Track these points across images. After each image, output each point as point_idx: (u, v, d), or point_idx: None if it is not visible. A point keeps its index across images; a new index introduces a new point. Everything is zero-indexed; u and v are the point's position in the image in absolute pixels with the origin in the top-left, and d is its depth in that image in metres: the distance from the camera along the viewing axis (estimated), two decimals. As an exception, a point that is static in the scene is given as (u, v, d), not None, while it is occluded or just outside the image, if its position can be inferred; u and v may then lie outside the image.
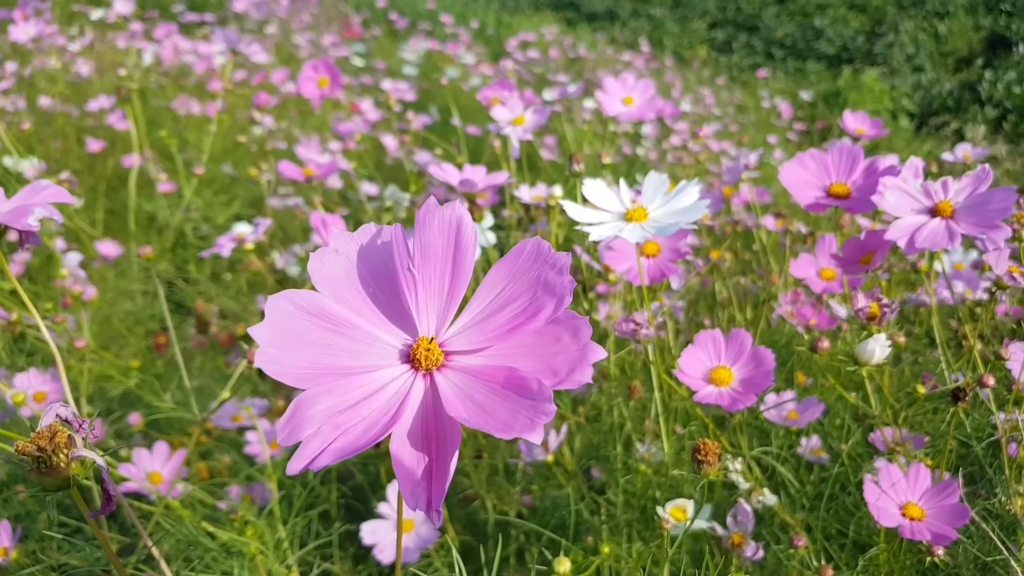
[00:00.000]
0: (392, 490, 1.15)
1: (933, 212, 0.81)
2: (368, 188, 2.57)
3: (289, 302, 0.42)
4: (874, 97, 7.09)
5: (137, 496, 1.16)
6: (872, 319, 0.77)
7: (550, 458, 1.13)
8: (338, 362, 0.42)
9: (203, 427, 1.06)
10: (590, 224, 0.77)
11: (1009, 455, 0.90)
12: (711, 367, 0.79)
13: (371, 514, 1.16)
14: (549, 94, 2.96)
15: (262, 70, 3.65)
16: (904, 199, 0.82)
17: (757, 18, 10.13)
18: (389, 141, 3.26)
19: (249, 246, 1.23)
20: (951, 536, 0.78)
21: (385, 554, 1.08)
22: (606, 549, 0.85)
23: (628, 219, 0.76)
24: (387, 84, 3.89)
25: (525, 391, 0.39)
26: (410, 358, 0.43)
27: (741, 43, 9.60)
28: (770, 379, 0.76)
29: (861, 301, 0.77)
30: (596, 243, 1.28)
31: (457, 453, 0.40)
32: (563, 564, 0.76)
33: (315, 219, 0.99)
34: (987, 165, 0.80)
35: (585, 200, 0.82)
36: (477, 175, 1.05)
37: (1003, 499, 0.92)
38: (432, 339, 0.43)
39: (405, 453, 0.40)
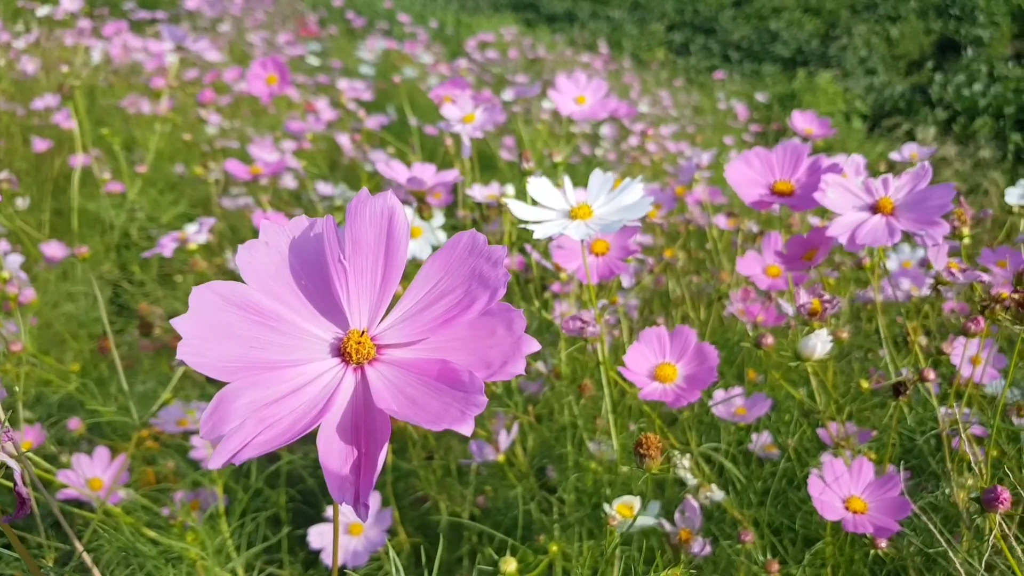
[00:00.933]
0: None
1: (874, 209, 0.82)
2: (323, 188, 2.54)
3: (215, 294, 0.40)
4: (828, 99, 7.22)
5: (78, 503, 1.13)
6: (814, 315, 0.78)
7: (501, 458, 1.12)
8: (266, 356, 0.41)
9: (145, 431, 1.03)
10: (535, 222, 0.77)
11: (952, 448, 0.92)
12: (656, 364, 0.80)
13: (321, 518, 1.14)
14: (507, 94, 2.96)
15: (214, 68, 3.59)
16: (846, 196, 0.83)
17: (714, 21, 10.25)
18: (344, 141, 3.23)
19: (193, 246, 1.21)
20: (893, 529, 0.79)
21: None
22: (554, 548, 0.85)
23: (573, 217, 0.76)
24: (343, 83, 3.86)
25: (457, 383, 0.39)
26: (341, 352, 0.42)
27: (698, 45, 9.70)
28: (713, 375, 0.77)
29: (803, 297, 0.78)
30: (548, 242, 1.28)
31: (387, 447, 0.39)
32: (509, 564, 0.76)
33: (259, 219, 0.97)
34: (927, 162, 0.82)
35: (534, 198, 0.82)
36: (426, 173, 1.04)
37: (947, 492, 0.94)
38: (363, 332, 0.42)
39: (333, 447, 0.39)
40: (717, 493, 0.93)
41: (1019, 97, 6.61)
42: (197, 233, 1.22)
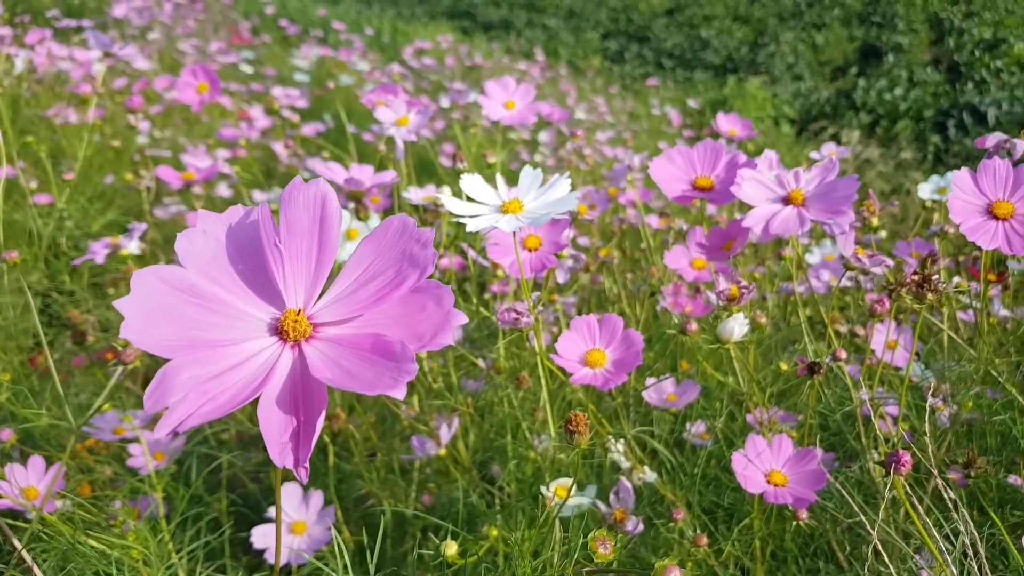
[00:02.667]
0: (282, 493, 1.15)
1: (786, 200, 0.88)
2: (258, 196, 2.52)
3: (156, 277, 0.42)
4: (757, 104, 7.43)
5: (12, 514, 1.11)
6: (732, 300, 0.83)
7: (443, 452, 1.15)
8: (206, 335, 0.43)
9: (79, 437, 1.03)
10: (469, 216, 0.80)
11: (867, 425, 0.98)
12: (586, 350, 0.83)
13: (264, 521, 1.15)
14: (444, 101, 2.99)
15: (144, 77, 3.53)
16: (760, 189, 0.88)
17: (647, 29, 10.44)
18: (280, 148, 3.21)
19: (125, 252, 1.20)
20: (810, 498, 0.84)
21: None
22: (493, 532, 0.88)
23: (504, 211, 0.79)
24: (277, 91, 3.84)
25: (390, 354, 0.41)
26: (278, 331, 0.45)
27: (633, 53, 9.88)
28: (639, 359, 0.81)
29: (722, 284, 0.83)
30: (483, 241, 1.30)
31: (324, 414, 0.41)
32: (450, 547, 0.79)
33: (192, 220, 0.98)
34: (834, 156, 0.88)
35: (468, 195, 0.85)
36: (364, 174, 1.06)
37: (864, 466, 1.00)
38: (300, 311, 0.45)
39: (273, 417, 0.41)
40: (649, 475, 0.97)
41: (937, 101, 6.91)
42: (129, 239, 1.22)
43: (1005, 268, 1.52)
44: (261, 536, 1.09)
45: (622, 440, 1.02)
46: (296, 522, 1.10)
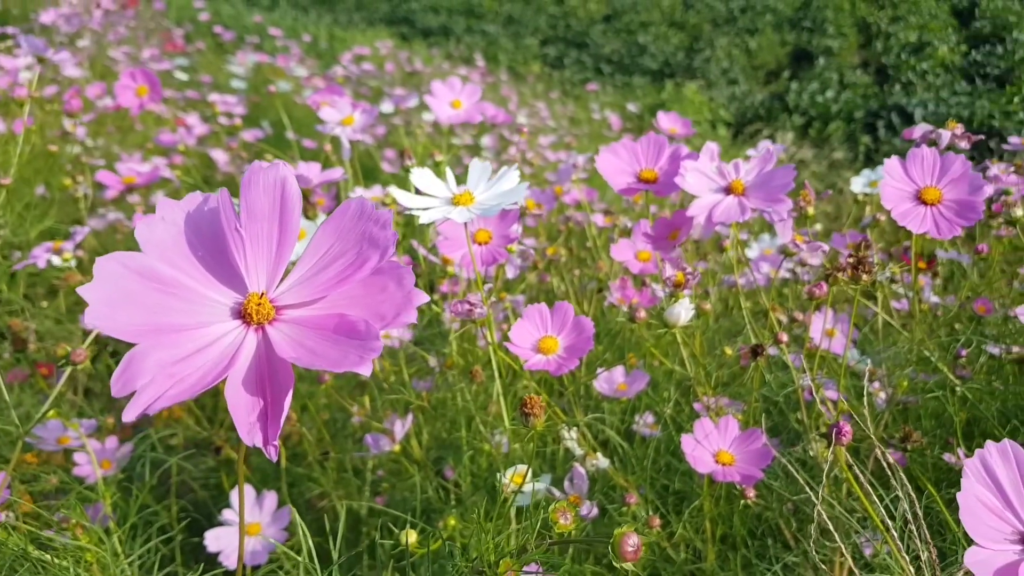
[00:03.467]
0: (235, 496, 1.14)
1: (728, 190, 0.91)
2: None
3: (119, 264, 0.43)
4: (695, 108, 7.58)
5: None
6: (679, 286, 0.85)
7: (397, 448, 1.15)
8: (170, 320, 0.43)
9: (22, 444, 1.00)
10: (420, 209, 0.81)
11: (808, 406, 1.02)
12: (539, 337, 0.85)
13: (215, 526, 1.13)
14: (386, 105, 2.98)
15: (75, 84, 3.44)
16: (702, 180, 0.91)
17: (586, 35, 10.56)
18: (219, 155, 3.17)
19: (68, 256, 1.18)
20: (757, 476, 0.87)
21: (231, 559, 1.07)
22: (452, 521, 0.89)
23: (455, 203, 0.81)
24: (214, 97, 3.79)
25: (355, 333, 0.42)
26: (241, 314, 0.45)
27: (572, 59, 9.98)
28: (590, 343, 0.83)
29: (668, 271, 0.86)
30: (431, 237, 1.32)
31: (291, 393, 0.42)
32: (411, 535, 0.79)
33: (138, 219, 0.97)
34: (770, 147, 0.91)
35: (418, 188, 0.86)
36: (311, 171, 1.06)
37: (806, 446, 1.04)
38: (262, 295, 0.45)
39: (240, 398, 0.42)
40: (602, 461, 0.99)
41: (867, 102, 7.14)
42: (70, 242, 1.19)
43: (934, 256, 1.59)
44: (215, 540, 1.08)
45: (575, 428, 1.04)
46: (251, 524, 1.10)
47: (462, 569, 0.59)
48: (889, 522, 0.75)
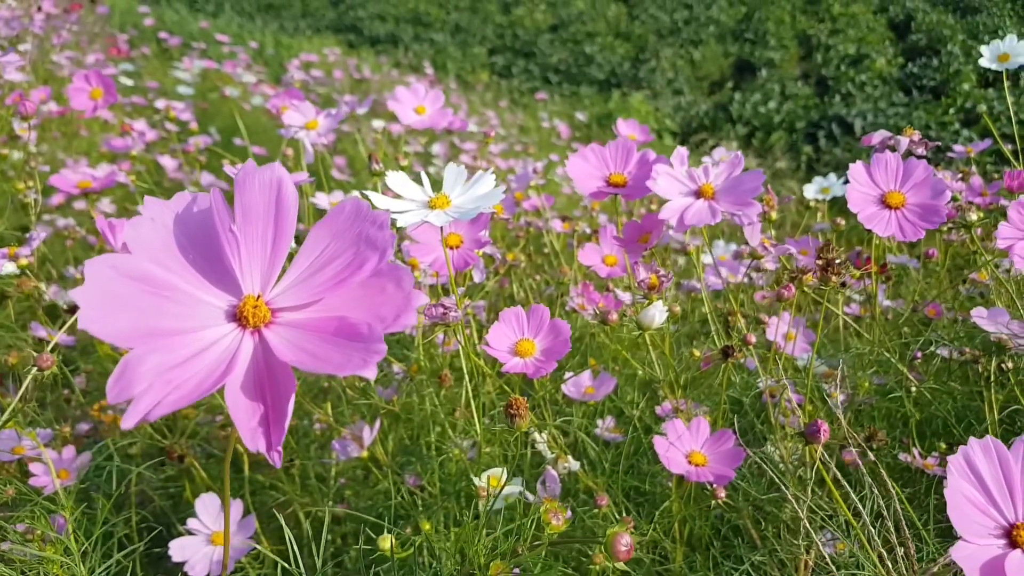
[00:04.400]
0: (200, 505, 1.11)
1: (698, 194, 0.92)
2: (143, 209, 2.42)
3: (109, 267, 0.41)
4: (641, 118, 7.69)
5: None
6: (652, 289, 0.86)
7: (365, 454, 1.14)
8: (164, 324, 0.42)
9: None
10: (397, 212, 0.81)
11: (775, 406, 1.04)
12: (516, 340, 0.85)
13: (177, 535, 1.11)
14: (344, 108, 2.96)
15: (18, 89, 3.34)
16: (673, 184, 0.93)
17: (533, 45, 10.63)
18: (167, 161, 3.11)
19: (24, 262, 1.14)
20: (730, 476, 0.89)
21: (197, 569, 1.04)
22: (427, 526, 0.88)
23: (432, 207, 0.80)
24: (161, 103, 3.71)
25: (357, 336, 0.42)
26: (236, 317, 0.44)
27: (520, 68, 10.03)
28: (567, 346, 0.83)
29: (642, 274, 0.87)
30: (400, 243, 1.31)
31: (293, 398, 0.41)
32: (385, 541, 0.78)
33: (101, 223, 0.94)
34: (739, 152, 0.93)
35: (394, 191, 0.85)
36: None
37: (772, 445, 1.06)
38: (258, 297, 0.45)
39: (240, 403, 0.41)
40: (573, 463, 0.99)
41: (808, 113, 7.33)
42: (26, 247, 1.15)
43: (885, 261, 1.64)
44: (179, 549, 1.05)
45: (545, 432, 1.04)
46: (216, 533, 1.07)
47: (451, 572, 0.59)
48: (864, 519, 0.77)
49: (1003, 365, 1.19)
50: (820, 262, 0.82)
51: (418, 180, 0.82)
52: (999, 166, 3.19)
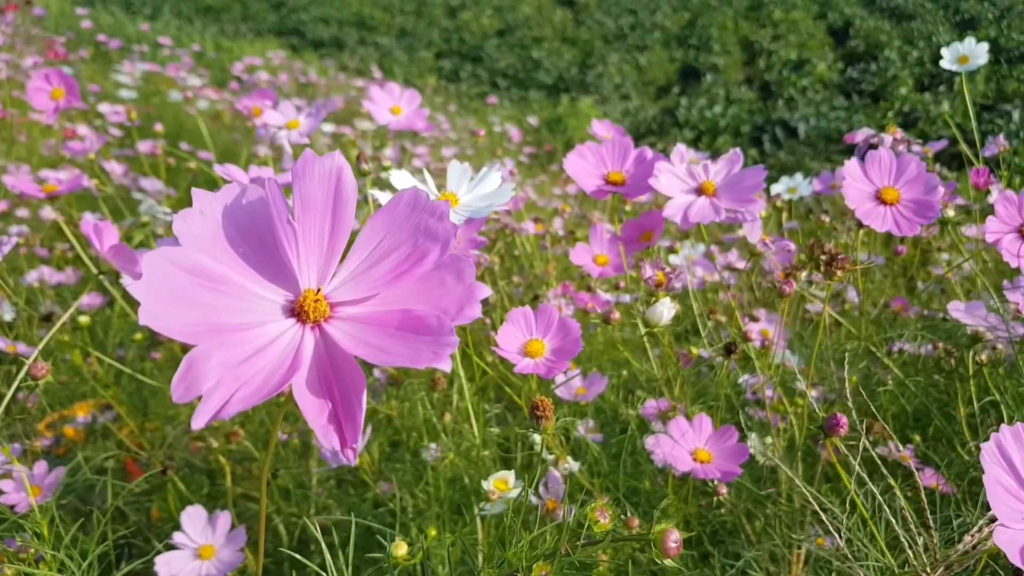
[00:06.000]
0: (186, 518, 1.07)
1: (699, 191, 0.93)
2: (89, 216, 2.35)
3: (166, 260, 0.39)
4: (590, 123, 7.72)
5: None
6: (659, 286, 0.86)
7: (358, 461, 1.11)
8: (223, 319, 0.40)
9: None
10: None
11: (768, 402, 1.05)
12: (525, 341, 0.84)
13: (155, 550, 1.07)
14: (318, 110, 2.91)
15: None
16: (674, 181, 0.93)
17: (480, 49, 10.63)
18: (114, 166, 3.02)
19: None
20: (736, 472, 0.89)
21: (185, 584, 1.01)
22: (433, 532, 0.86)
23: (439, 204, 0.79)
24: (104, 107, 3.61)
25: (424, 329, 0.40)
26: (295, 312, 0.42)
27: (468, 72, 10.02)
28: (579, 345, 0.83)
29: (648, 271, 0.86)
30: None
31: (364, 394, 0.40)
32: (400, 548, 0.76)
33: (87, 227, 0.90)
34: (738, 148, 0.94)
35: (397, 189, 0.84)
36: (265, 174, 1.02)
37: (769, 441, 1.07)
38: (318, 291, 0.43)
39: (308, 400, 0.39)
40: (573, 464, 0.99)
41: (752, 117, 7.48)
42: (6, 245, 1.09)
43: (856, 259, 1.67)
44: (166, 564, 1.01)
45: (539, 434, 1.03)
46: (203, 546, 1.04)
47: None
48: (859, 512, 0.78)
49: (977, 358, 1.22)
50: (824, 257, 0.83)
51: (430, 177, 0.80)
52: (942, 166, 3.29)
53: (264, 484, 0.51)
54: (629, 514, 0.98)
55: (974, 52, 1.58)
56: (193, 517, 1.06)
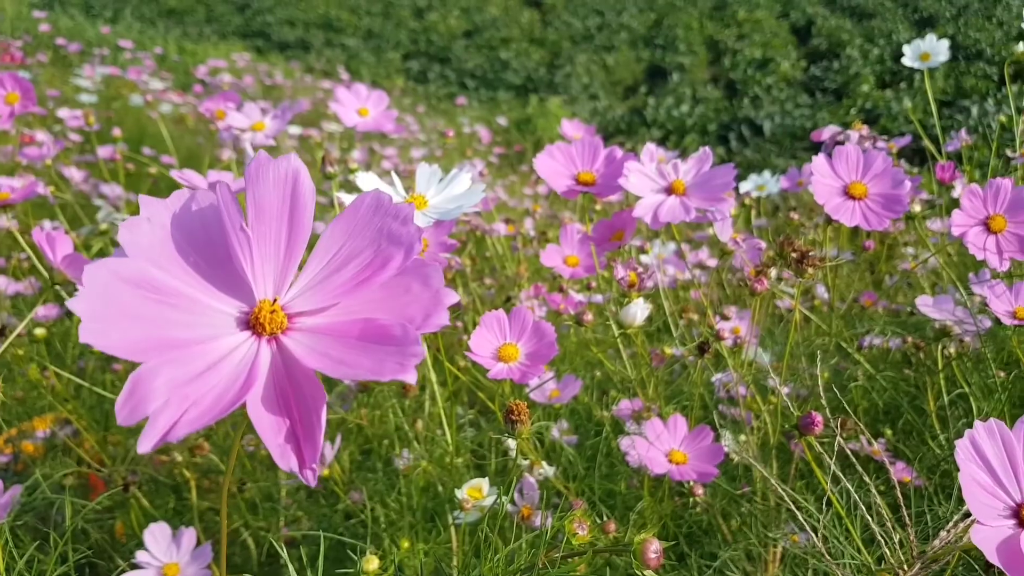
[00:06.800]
0: (149, 536, 1.04)
1: (669, 191, 0.92)
2: (47, 224, 2.29)
3: (109, 272, 0.37)
4: (559, 123, 7.73)
5: None
6: (632, 286, 0.85)
7: (325, 471, 1.09)
8: (172, 334, 0.38)
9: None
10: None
11: (742, 400, 1.04)
12: (498, 345, 0.82)
13: (116, 570, 1.03)
14: (284, 112, 2.87)
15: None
16: (644, 181, 0.92)
17: (448, 50, 10.60)
18: (73, 173, 2.96)
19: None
20: (713, 472, 0.88)
21: (150, 604, 0.97)
22: (405, 544, 0.84)
23: (406, 207, 0.77)
24: (64, 112, 3.54)
25: (388, 338, 0.38)
26: (250, 325, 0.40)
27: (436, 73, 9.99)
28: (554, 349, 0.81)
29: (621, 272, 0.85)
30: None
31: (324, 410, 0.37)
32: (371, 563, 0.74)
33: (39, 237, 0.87)
34: (707, 147, 0.93)
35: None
36: (226, 178, 0.99)
37: (743, 439, 1.06)
38: (274, 302, 0.41)
39: (263, 419, 0.37)
40: (548, 469, 0.97)
41: (719, 116, 7.53)
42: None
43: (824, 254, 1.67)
44: (130, 584, 0.98)
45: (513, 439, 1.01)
46: (168, 565, 1.00)
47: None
48: (833, 508, 0.77)
49: (945, 352, 1.22)
50: (795, 254, 0.82)
51: (398, 180, 0.78)
52: (905, 162, 3.33)
53: (224, 499, 0.49)
54: (605, 518, 0.97)
55: (935, 49, 1.59)
56: (157, 534, 1.03)
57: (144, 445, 0.33)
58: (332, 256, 0.42)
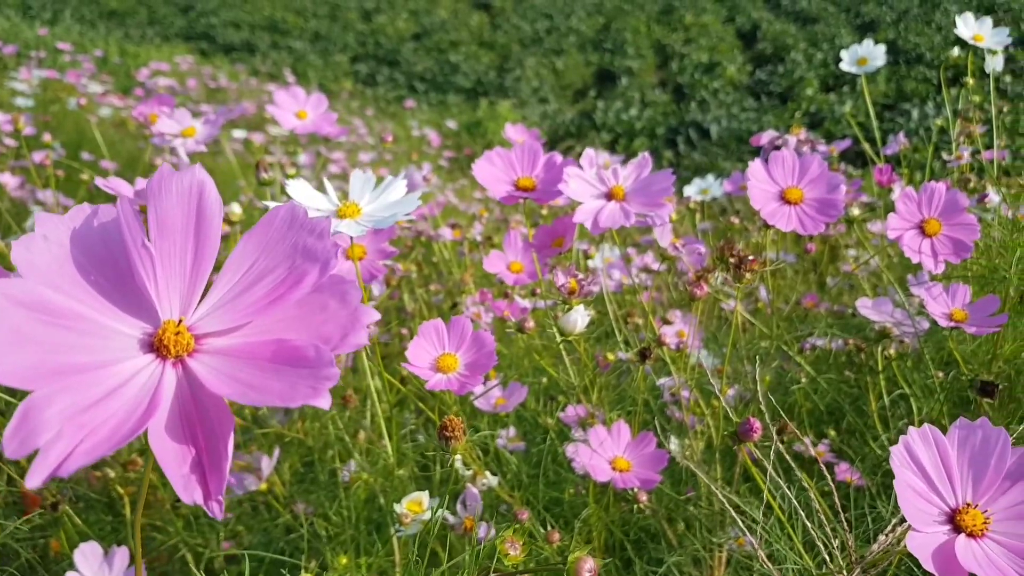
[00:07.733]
0: (80, 556, 1.00)
1: (609, 196, 0.91)
2: None
3: (1, 294, 0.34)
4: (509, 126, 7.72)
5: None
6: (572, 293, 0.84)
7: (264, 486, 1.06)
8: (69, 359, 0.35)
9: None
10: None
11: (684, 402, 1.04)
12: (437, 355, 0.81)
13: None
14: (217, 117, 2.80)
15: None
16: (584, 186, 0.91)
17: (397, 53, 10.53)
18: (7, 179, 2.87)
19: None
20: (655, 479, 0.88)
21: (80, 628, 0.94)
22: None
23: (341, 216, 0.75)
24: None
25: (300, 360, 0.36)
26: (153, 347, 0.38)
27: (384, 76, 9.91)
28: (493, 359, 0.80)
29: (561, 279, 0.84)
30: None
31: (231, 437, 0.36)
32: (340, 560, 0.72)
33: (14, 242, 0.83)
34: (646, 153, 0.92)
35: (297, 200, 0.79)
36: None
37: (687, 443, 1.06)
38: (179, 322, 0.39)
39: (167, 448, 0.35)
40: (492, 479, 0.96)
41: (667, 119, 7.60)
42: None
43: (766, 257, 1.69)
44: (60, 610, 0.94)
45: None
46: (98, 589, 0.97)
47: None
48: (774, 513, 0.77)
49: (885, 353, 1.24)
50: (734, 260, 0.82)
51: (321, 188, 0.76)
52: (847, 165, 3.40)
53: (138, 527, 0.47)
54: (550, 527, 0.96)
55: (872, 54, 1.61)
56: (88, 554, 0.99)
57: (33, 480, 0.31)
58: (244, 273, 0.40)
